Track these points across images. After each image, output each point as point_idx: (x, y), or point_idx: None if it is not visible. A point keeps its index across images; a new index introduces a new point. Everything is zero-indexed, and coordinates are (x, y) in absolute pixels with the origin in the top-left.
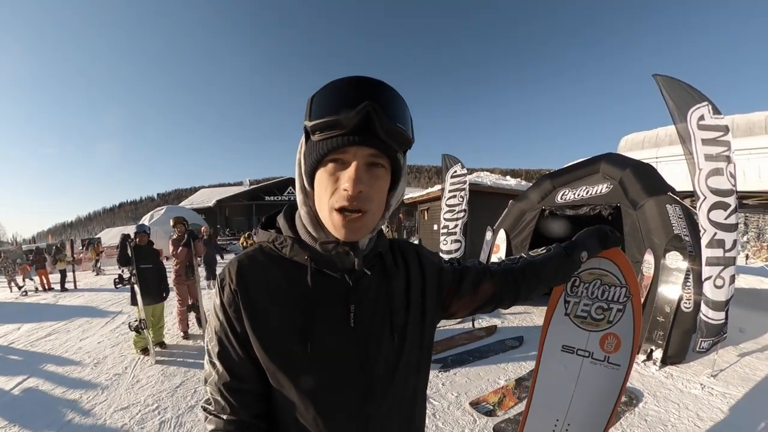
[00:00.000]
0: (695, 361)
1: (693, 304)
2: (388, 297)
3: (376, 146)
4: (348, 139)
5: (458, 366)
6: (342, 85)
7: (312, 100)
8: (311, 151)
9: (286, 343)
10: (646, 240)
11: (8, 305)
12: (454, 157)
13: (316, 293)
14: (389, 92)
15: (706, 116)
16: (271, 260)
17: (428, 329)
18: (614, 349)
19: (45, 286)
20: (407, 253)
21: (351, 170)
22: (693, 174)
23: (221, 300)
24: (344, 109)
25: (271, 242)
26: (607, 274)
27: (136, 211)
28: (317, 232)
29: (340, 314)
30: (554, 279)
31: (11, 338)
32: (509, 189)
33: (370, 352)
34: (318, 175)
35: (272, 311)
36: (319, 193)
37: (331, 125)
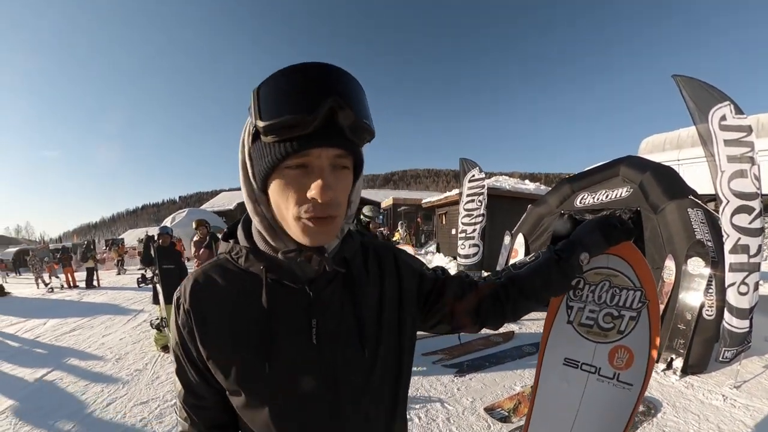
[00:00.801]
0: (717, 371)
1: (715, 311)
2: (356, 306)
3: (342, 146)
4: (311, 141)
5: (474, 371)
6: (297, 77)
7: (259, 94)
8: (263, 154)
9: (243, 365)
10: (667, 245)
11: (35, 301)
12: (471, 161)
13: (274, 307)
14: (351, 82)
15: (728, 116)
16: (228, 274)
17: (407, 339)
18: (626, 365)
19: (70, 283)
20: (383, 256)
21: (317, 176)
22: (715, 176)
23: (176, 319)
24: (304, 105)
25: (228, 253)
26: (617, 274)
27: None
28: (276, 240)
29: (301, 329)
30: (546, 292)
31: (37, 332)
32: (528, 193)
33: (336, 368)
34: (275, 181)
35: (227, 330)
36: (277, 202)
37: (290, 126)
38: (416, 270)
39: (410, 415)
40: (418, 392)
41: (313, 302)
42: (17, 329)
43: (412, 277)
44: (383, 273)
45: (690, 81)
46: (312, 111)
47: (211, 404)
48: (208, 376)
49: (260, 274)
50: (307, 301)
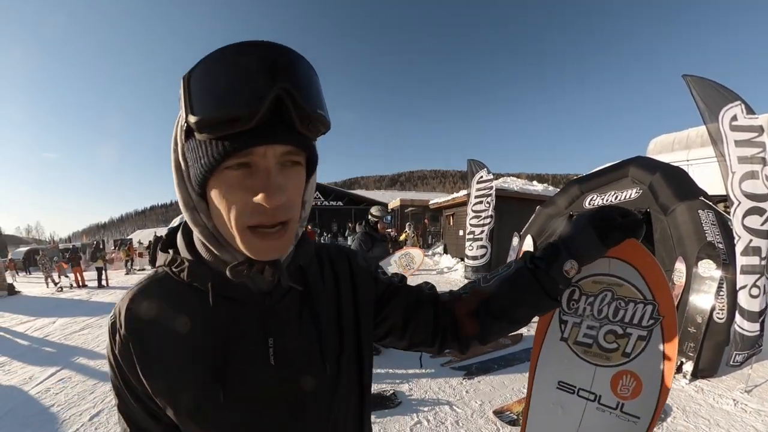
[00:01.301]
0: (728, 375)
1: (726, 314)
2: (315, 320)
3: (291, 141)
4: (255, 137)
5: (483, 374)
6: (235, 61)
7: (189, 83)
8: (198, 154)
9: (194, 396)
10: (677, 247)
11: (45, 300)
12: (479, 162)
13: (225, 327)
14: (301, 65)
15: (738, 116)
16: (170, 290)
17: (366, 350)
18: (632, 395)
19: (79, 283)
20: (337, 260)
21: (264, 177)
22: (726, 177)
23: (112, 348)
24: (245, 96)
25: (167, 266)
26: (622, 283)
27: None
28: (221, 252)
29: (256, 350)
30: (517, 312)
31: (47, 331)
32: (536, 194)
33: (298, 391)
34: (214, 185)
35: (173, 358)
36: (219, 210)
37: (228, 121)
38: (371, 273)
39: (419, 418)
40: (427, 395)
41: (268, 319)
42: (27, 328)
43: (366, 281)
44: (339, 280)
45: (700, 81)
46: (254, 103)
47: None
48: (156, 411)
49: (206, 290)
50: (261, 318)
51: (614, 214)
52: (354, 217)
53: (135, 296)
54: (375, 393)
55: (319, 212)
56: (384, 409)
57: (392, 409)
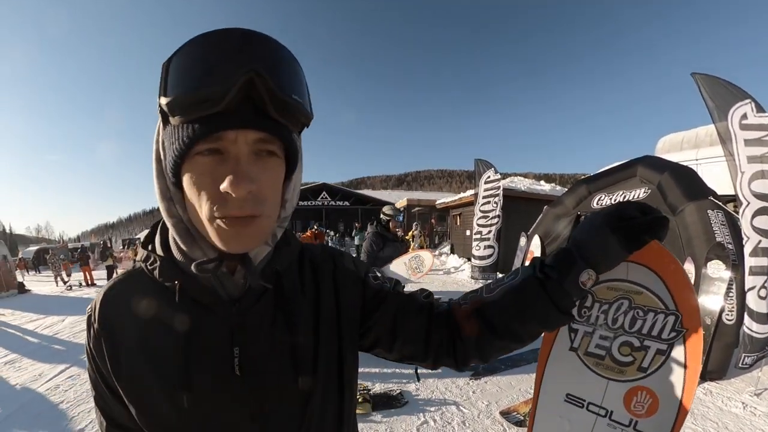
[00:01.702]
0: (737, 378)
1: (735, 316)
2: (289, 329)
3: (264, 128)
4: (225, 121)
5: (489, 374)
6: (210, 44)
7: (168, 68)
8: (172, 139)
9: (157, 398)
10: (686, 248)
11: (54, 298)
12: (487, 161)
13: (191, 332)
14: (278, 50)
15: (748, 115)
16: (143, 287)
17: (348, 358)
18: (647, 413)
19: (88, 281)
20: (320, 264)
21: (233, 164)
22: (734, 177)
23: (87, 341)
24: (216, 77)
25: (144, 262)
26: (641, 290)
27: None
28: (192, 249)
29: (221, 358)
30: (523, 328)
31: (56, 329)
32: (544, 194)
33: (266, 405)
34: (186, 173)
35: (139, 357)
36: (190, 198)
37: (197, 102)
38: (360, 277)
39: (425, 418)
40: (433, 395)
41: (235, 326)
42: (36, 326)
43: (352, 285)
44: (319, 285)
45: (710, 78)
46: (223, 83)
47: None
48: None
49: (174, 290)
50: (228, 325)
51: (633, 211)
52: (360, 216)
53: (109, 290)
54: (382, 392)
55: (326, 212)
56: (391, 408)
57: (399, 408)
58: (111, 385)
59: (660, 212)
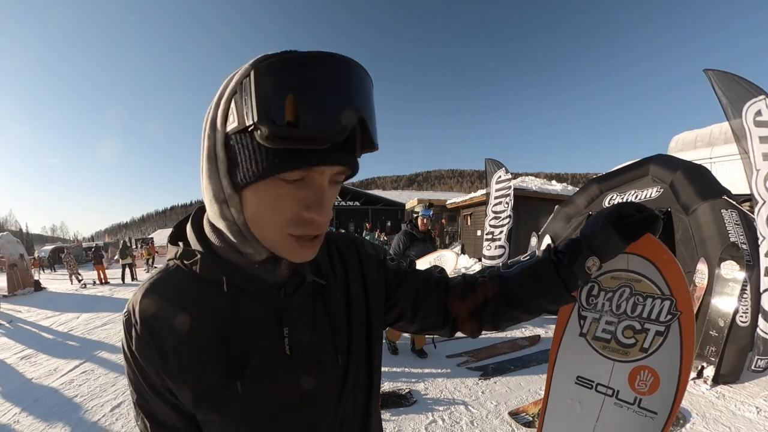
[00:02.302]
0: (751, 382)
1: (750, 318)
2: (327, 311)
3: (350, 165)
4: (323, 158)
5: (499, 375)
6: (319, 77)
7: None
8: (254, 156)
9: (211, 387)
10: (699, 248)
11: (69, 296)
12: (497, 161)
13: (240, 318)
14: (371, 89)
15: (763, 111)
16: (182, 284)
17: (375, 341)
18: (650, 390)
19: (102, 280)
20: (346, 250)
21: (317, 193)
22: (750, 175)
23: (128, 343)
24: (332, 122)
25: (179, 259)
26: (640, 279)
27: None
28: (244, 247)
29: (272, 341)
30: (536, 302)
31: (71, 326)
32: (555, 194)
33: (313, 381)
34: (261, 189)
35: (189, 351)
36: (261, 211)
37: (307, 139)
38: (380, 260)
39: (433, 417)
40: (442, 394)
41: (283, 310)
42: (52, 322)
43: (374, 269)
44: (348, 269)
45: (723, 75)
46: (337, 131)
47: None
48: (175, 404)
49: (220, 282)
50: (276, 309)
51: (631, 209)
52: (371, 216)
53: (148, 291)
54: (390, 391)
55: (337, 212)
56: (399, 407)
57: (407, 407)
58: (156, 385)
59: (653, 211)
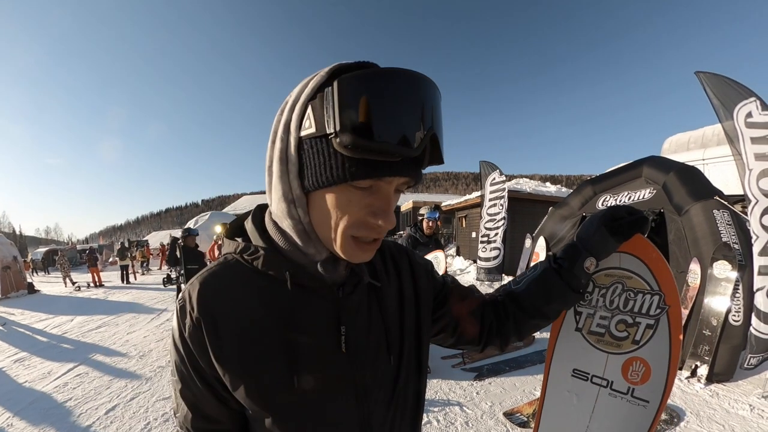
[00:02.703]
0: (744, 380)
1: (742, 317)
2: (381, 312)
3: (416, 177)
4: (395, 170)
5: (493, 375)
6: (399, 93)
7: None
8: (328, 162)
9: (267, 381)
10: (692, 248)
11: (63, 299)
12: (492, 163)
13: (299, 315)
14: (440, 104)
15: (754, 113)
16: (242, 277)
17: (425, 346)
18: (641, 380)
19: (96, 282)
20: (398, 258)
21: (384, 201)
22: (742, 175)
23: (181, 331)
24: (409, 138)
25: (239, 254)
26: (631, 275)
27: (181, 216)
28: (307, 246)
29: (329, 338)
30: (549, 307)
31: (65, 329)
32: (549, 196)
33: (366, 379)
34: (331, 193)
35: (247, 341)
36: (327, 214)
37: (386, 152)
38: (428, 271)
39: (428, 418)
40: (437, 395)
41: (341, 309)
42: (45, 325)
43: (426, 280)
44: (400, 275)
45: (714, 77)
46: (411, 146)
47: (226, 428)
48: (223, 395)
49: (282, 278)
50: (335, 307)
51: (622, 212)
52: None
53: (206, 280)
54: None
55: None
56: None
57: None
58: (205, 375)
59: (642, 213)
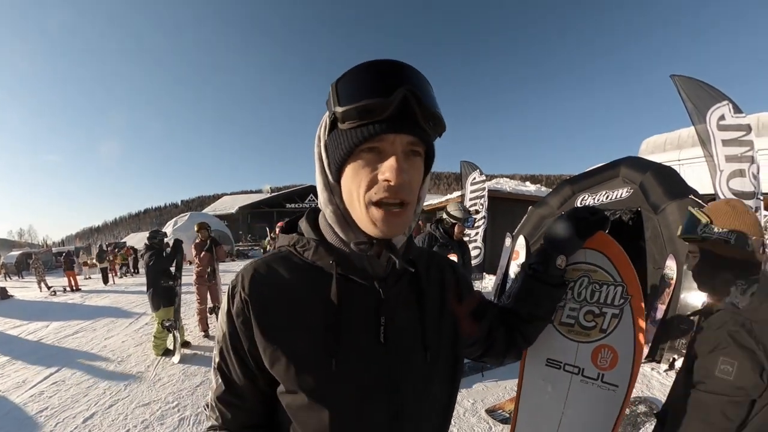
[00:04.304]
0: None
1: None
2: (421, 310)
3: (416, 134)
4: (387, 126)
5: (475, 372)
6: (373, 69)
7: (338, 86)
8: (339, 141)
9: (306, 361)
10: (668, 245)
11: (38, 304)
12: (472, 163)
13: (343, 303)
14: (421, 75)
15: (726, 116)
16: (292, 266)
17: (461, 351)
18: (610, 366)
19: (72, 286)
20: (444, 267)
21: (392, 159)
22: (713, 176)
23: (229, 309)
24: (381, 90)
25: (292, 246)
26: (596, 269)
27: (160, 217)
28: (346, 233)
29: (369, 328)
30: (541, 309)
31: (40, 335)
32: (529, 195)
33: (401, 370)
34: (349, 168)
35: (290, 324)
36: (350, 188)
37: (367, 111)
38: (470, 284)
39: None
40: None
41: (382, 300)
42: (20, 332)
43: (468, 290)
44: (444, 281)
45: (688, 81)
46: (387, 95)
47: (250, 405)
48: (255, 374)
49: (328, 268)
50: (376, 299)
51: (585, 213)
52: None
53: (259, 266)
54: None
55: None
56: None
57: None
58: (241, 352)
59: (603, 212)
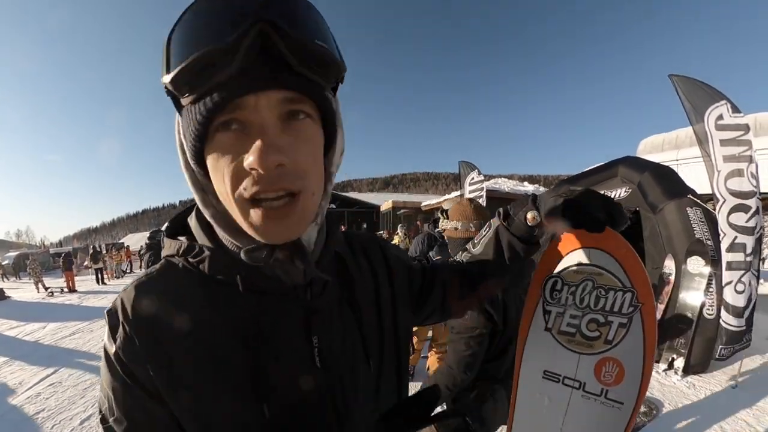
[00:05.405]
0: (719, 371)
1: (716, 310)
2: (356, 314)
3: (287, 85)
4: (239, 85)
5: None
6: (210, 4)
7: (170, 43)
8: (188, 121)
9: (231, 408)
10: (666, 245)
11: (35, 305)
12: (471, 163)
13: (260, 325)
14: (307, 12)
15: (724, 115)
16: (186, 283)
17: (403, 342)
18: (615, 381)
19: (70, 287)
20: (369, 248)
21: (257, 135)
22: (711, 176)
23: (115, 348)
24: (215, 34)
25: (181, 255)
26: (602, 272)
27: (158, 217)
28: (237, 238)
29: (301, 353)
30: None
31: (37, 336)
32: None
33: (347, 394)
34: (208, 159)
35: (197, 364)
36: (215, 184)
37: (202, 67)
38: (405, 263)
39: None
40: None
41: (310, 314)
42: (17, 332)
43: (402, 272)
44: (374, 269)
45: (686, 80)
46: (225, 37)
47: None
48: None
49: (233, 282)
50: (303, 315)
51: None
52: (347, 219)
53: (143, 285)
54: None
55: None
56: None
57: None
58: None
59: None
